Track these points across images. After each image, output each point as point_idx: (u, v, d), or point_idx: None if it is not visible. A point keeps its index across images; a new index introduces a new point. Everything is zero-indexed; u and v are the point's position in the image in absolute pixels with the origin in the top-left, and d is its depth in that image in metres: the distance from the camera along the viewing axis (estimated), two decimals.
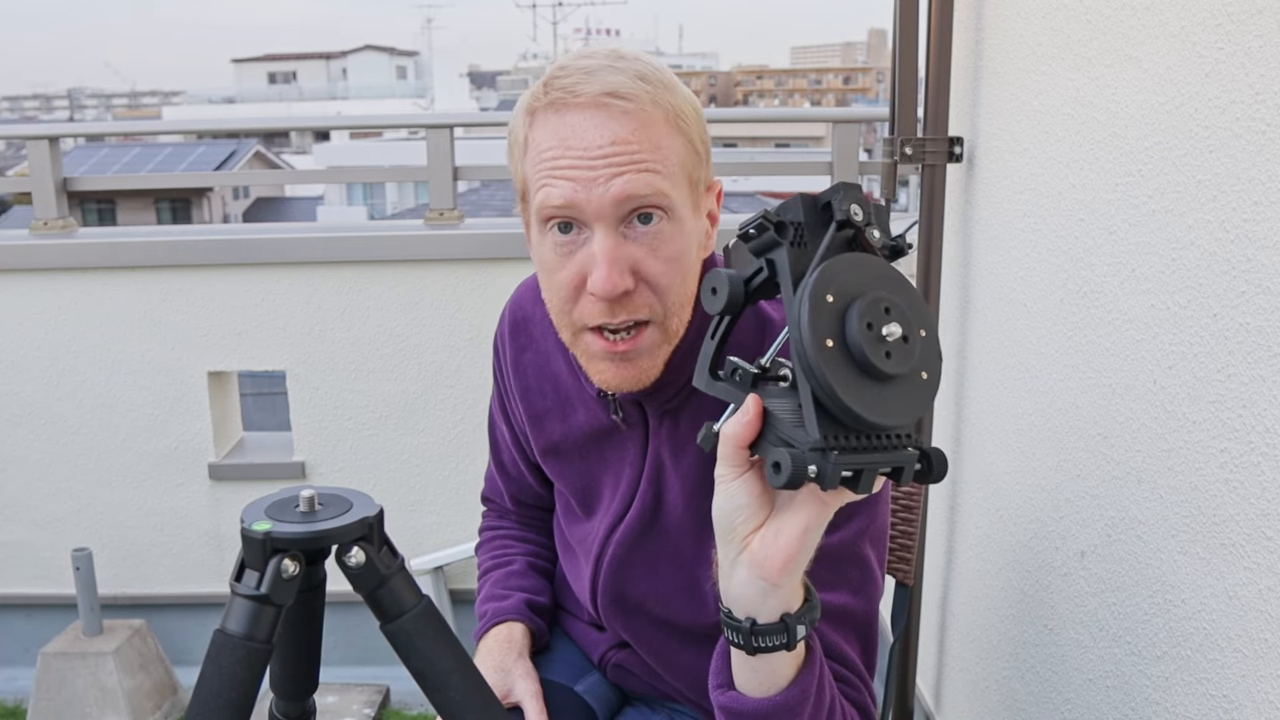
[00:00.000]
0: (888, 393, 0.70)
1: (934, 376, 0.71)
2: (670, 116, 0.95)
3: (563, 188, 0.94)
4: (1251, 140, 1.03)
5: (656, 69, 0.97)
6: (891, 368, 0.69)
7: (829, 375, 0.68)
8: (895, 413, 0.70)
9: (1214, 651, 1.11)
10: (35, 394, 2.55)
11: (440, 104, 38.39)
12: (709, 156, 1.02)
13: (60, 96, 71.80)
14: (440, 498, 2.59)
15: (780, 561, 0.77)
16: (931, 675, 2.11)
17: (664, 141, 0.94)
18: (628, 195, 0.92)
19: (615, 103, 0.93)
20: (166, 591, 2.66)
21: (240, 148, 22.75)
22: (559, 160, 0.94)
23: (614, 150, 0.92)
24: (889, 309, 0.70)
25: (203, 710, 0.84)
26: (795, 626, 0.81)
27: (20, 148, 7.00)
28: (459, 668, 0.91)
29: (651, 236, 0.95)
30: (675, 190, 0.95)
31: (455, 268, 2.47)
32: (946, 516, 1.97)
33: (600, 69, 0.95)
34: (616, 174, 0.92)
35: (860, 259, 0.72)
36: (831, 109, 16.95)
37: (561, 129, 0.94)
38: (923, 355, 0.71)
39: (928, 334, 0.71)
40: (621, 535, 1.12)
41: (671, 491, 1.09)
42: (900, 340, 0.70)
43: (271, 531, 0.85)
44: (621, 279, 0.94)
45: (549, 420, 1.18)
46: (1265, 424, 1.02)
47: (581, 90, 0.93)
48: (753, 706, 0.85)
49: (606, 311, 0.96)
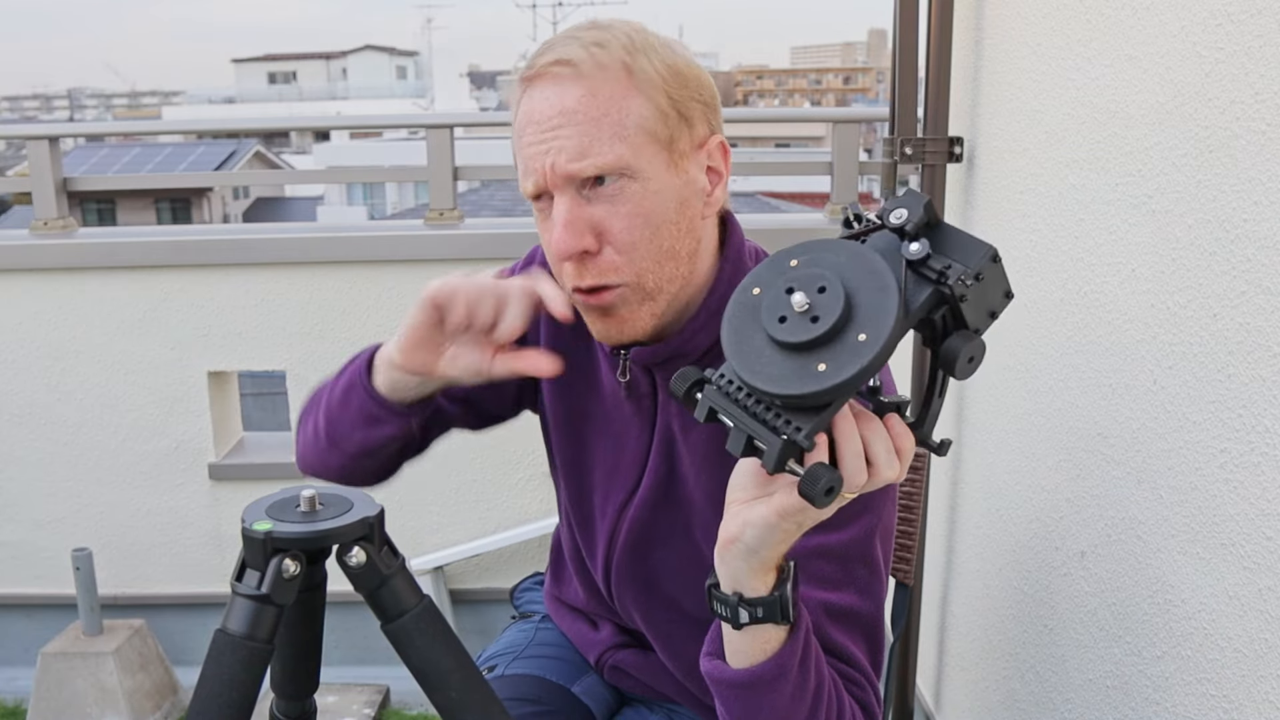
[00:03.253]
0: (780, 359, 0.70)
1: (844, 374, 0.68)
2: (625, 77, 0.96)
3: (527, 168, 0.97)
4: (1251, 140, 1.03)
5: (627, 34, 0.98)
6: (776, 332, 0.70)
7: (729, 314, 0.74)
8: (765, 374, 0.71)
9: (1214, 651, 1.11)
10: (35, 394, 2.55)
11: (440, 104, 38.35)
12: (707, 114, 1.01)
13: (60, 96, 71.81)
14: (440, 498, 2.59)
15: (723, 538, 0.83)
16: (931, 675, 2.11)
17: (616, 104, 0.95)
18: (573, 169, 0.95)
19: (561, 70, 0.95)
20: (166, 591, 2.66)
21: (240, 148, 22.74)
22: (523, 137, 0.98)
23: (560, 121, 0.95)
24: (824, 288, 0.70)
25: (203, 710, 0.84)
26: (739, 608, 0.85)
27: (20, 148, 7.00)
28: (459, 668, 0.91)
29: (610, 197, 0.96)
30: (634, 151, 0.96)
31: (455, 268, 2.42)
32: (946, 516, 1.97)
33: (560, 41, 0.98)
34: (562, 146, 0.94)
35: (859, 250, 0.72)
36: (831, 109, 16.96)
37: (527, 103, 0.98)
38: (840, 351, 0.69)
39: (868, 338, 0.68)
40: (635, 510, 1.12)
41: (684, 464, 1.08)
42: (804, 314, 0.70)
43: (272, 531, 0.85)
44: (576, 240, 0.96)
45: (570, 388, 1.16)
46: (1265, 424, 1.02)
47: (536, 63, 0.97)
48: (730, 676, 0.90)
49: (575, 274, 0.98)
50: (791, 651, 0.88)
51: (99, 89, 76.89)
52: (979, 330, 0.73)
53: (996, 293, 0.73)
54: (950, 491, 1.95)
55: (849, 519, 0.99)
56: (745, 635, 0.87)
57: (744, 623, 0.85)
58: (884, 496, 1.02)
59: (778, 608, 0.85)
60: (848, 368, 0.68)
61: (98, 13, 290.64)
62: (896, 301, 0.68)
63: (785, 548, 0.83)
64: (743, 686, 0.89)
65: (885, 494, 1.02)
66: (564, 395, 1.16)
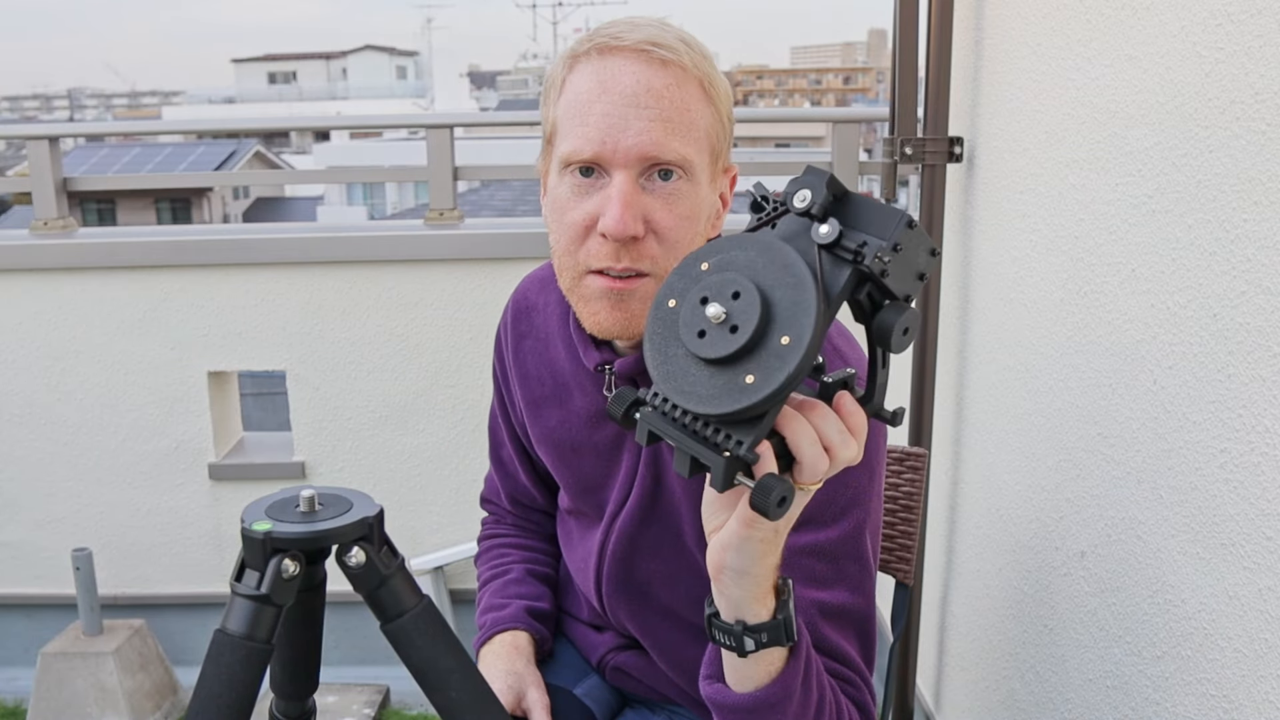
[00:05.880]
0: (706, 375, 0.68)
1: (773, 384, 0.65)
2: (706, 84, 0.98)
3: (593, 133, 0.95)
4: (1251, 140, 1.03)
5: (700, 43, 1.00)
6: (697, 348, 0.68)
7: (649, 332, 0.71)
8: (694, 394, 0.68)
9: (1214, 651, 1.11)
10: (35, 394, 2.55)
11: (440, 104, 38.35)
12: (731, 140, 1.04)
13: (60, 96, 71.79)
14: (440, 498, 2.59)
15: (712, 569, 0.81)
16: (931, 675, 2.11)
17: (695, 105, 0.97)
18: (652, 151, 0.95)
19: (657, 51, 0.95)
20: (166, 591, 2.66)
21: (240, 148, 22.74)
22: (594, 103, 0.96)
23: (649, 100, 0.95)
24: (738, 294, 0.67)
25: (203, 710, 0.84)
26: (744, 636, 0.83)
27: (20, 148, 7.00)
28: (459, 668, 0.91)
29: (669, 192, 0.97)
30: (699, 155, 0.98)
31: (455, 268, 2.47)
32: (946, 516, 1.97)
33: (646, 24, 0.99)
34: (646, 127, 0.94)
35: (769, 243, 0.69)
36: (831, 109, 16.94)
37: (602, 72, 0.96)
38: (766, 358, 0.66)
39: (791, 340, 0.66)
40: (624, 522, 1.12)
41: (670, 475, 1.08)
42: (722, 325, 0.67)
43: (272, 531, 0.85)
44: (634, 223, 0.95)
45: (546, 408, 1.18)
46: (1265, 424, 1.02)
47: (626, 37, 0.97)
48: (734, 700, 0.88)
49: (611, 255, 0.97)
50: (794, 672, 0.87)
51: (99, 89, 76.96)
52: (909, 296, 0.70)
53: (920, 254, 0.70)
54: (950, 491, 1.95)
55: (838, 516, 0.99)
56: (749, 660, 0.85)
57: (749, 650, 0.84)
58: (871, 491, 1.02)
59: (782, 631, 0.83)
60: (775, 375, 0.65)
61: (98, 12, 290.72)
62: (814, 295, 0.66)
63: (773, 559, 0.81)
64: (748, 711, 0.88)
65: (872, 489, 1.02)
66: (546, 426, 1.18)
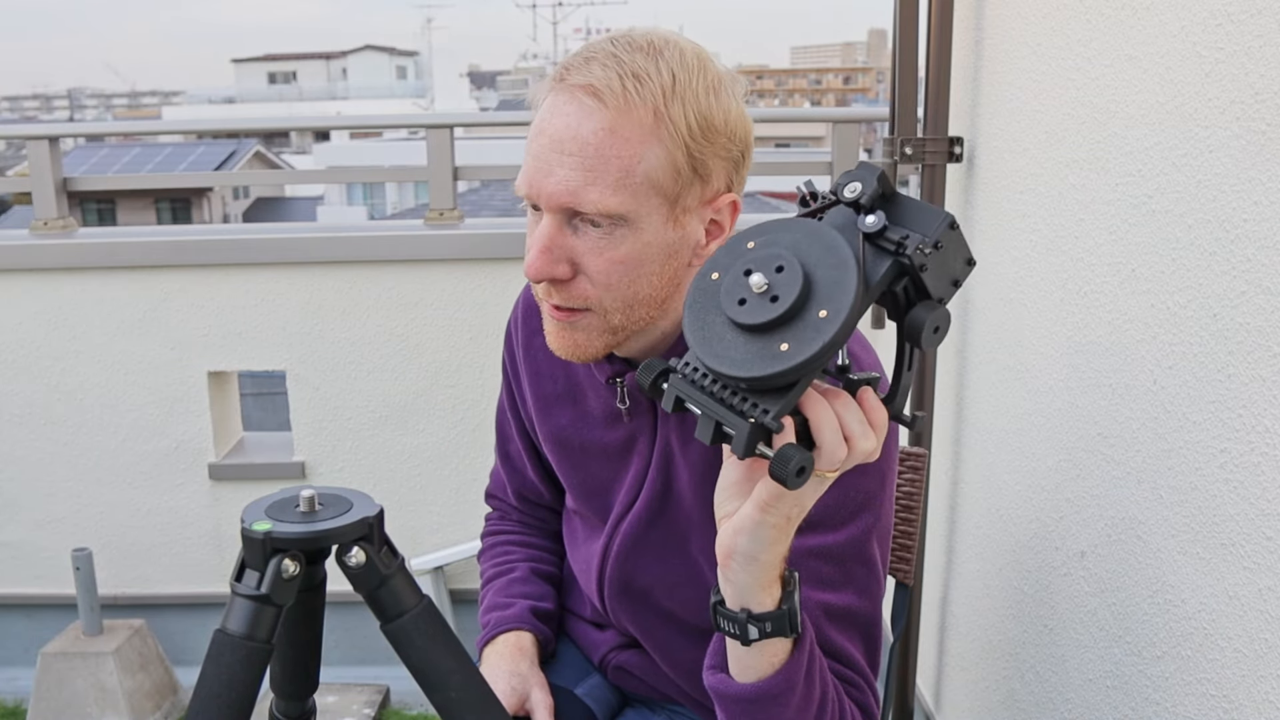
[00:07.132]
0: (742, 341, 0.70)
1: (807, 352, 0.67)
2: (650, 122, 0.91)
3: (527, 173, 0.95)
4: (1251, 140, 1.03)
5: (673, 71, 0.92)
6: (736, 314, 0.70)
7: (690, 301, 0.73)
8: (728, 358, 0.70)
9: (1214, 651, 1.11)
10: (35, 394, 2.55)
11: (440, 104, 38.35)
12: (729, 170, 0.97)
13: (60, 96, 71.75)
14: (440, 498, 2.59)
15: (721, 554, 0.83)
16: (931, 675, 2.11)
17: (631, 150, 0.90)
18: (568, 201, 0.92)
19: (586, 100, 0.91)
20: (166, 591, 2.66)
21: (240, 148, 22.74)
22: (533, 141, 0.95)
23: (573, 147, 0.91)
24: (781, 268, 0.69)
25: (203, 710, 0.84)
26: (749, 624, 0.84)
27: (20, 148, 6.99)
28: (459, 668, 0.91)
29: (599, 237, 0.94)
30: (636, 201, 0.92)
31: (455, 268, 2.46)
32: (946, 516, 1.97)
33: (601, 57, 0.93)
34: (566, 176, 0.91)
35: (816, 227, 0.72)
36: (831, 109, 16.94)
37: (549, 108, 0.94)
38: (802, 329, 0.68)
39: (829, 314, 0.67)
40: (629, 524, 1.12)
41: (680, 480, 1.08)
42: (763, 295, 0.69)
43: (272, 531, 0.85)
44: (550, 266, 0.95)
45: (557, 407, 1.17)
46: (1265, 424, 1.02)
47: (571, 76, 0.93)
48: (737, 690, 0.89)
49: (544, 291, 0.98)
50: (797, 664, 0.87)
51: (99, 89, 76.94)
52: (943, 300, 0.72)
53: (958, 260, 0.72)
54: (950, 491, 1.95)
55: (847, 519, 0.99)
56: (752, 650, 0.86)
57: (753, 639, 0.84)
58: (882, 495, 1.02)
59: (786, 621, 0.84)
60: (810, 345, 0.67)
61: (98, 12, 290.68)
62: (855, 276, 0.68)
63: (782, 548, 0.82)
64: (750, 701, 0.88)
65: (883, 492, 1.02)
66: (556, 425, 1.18)
